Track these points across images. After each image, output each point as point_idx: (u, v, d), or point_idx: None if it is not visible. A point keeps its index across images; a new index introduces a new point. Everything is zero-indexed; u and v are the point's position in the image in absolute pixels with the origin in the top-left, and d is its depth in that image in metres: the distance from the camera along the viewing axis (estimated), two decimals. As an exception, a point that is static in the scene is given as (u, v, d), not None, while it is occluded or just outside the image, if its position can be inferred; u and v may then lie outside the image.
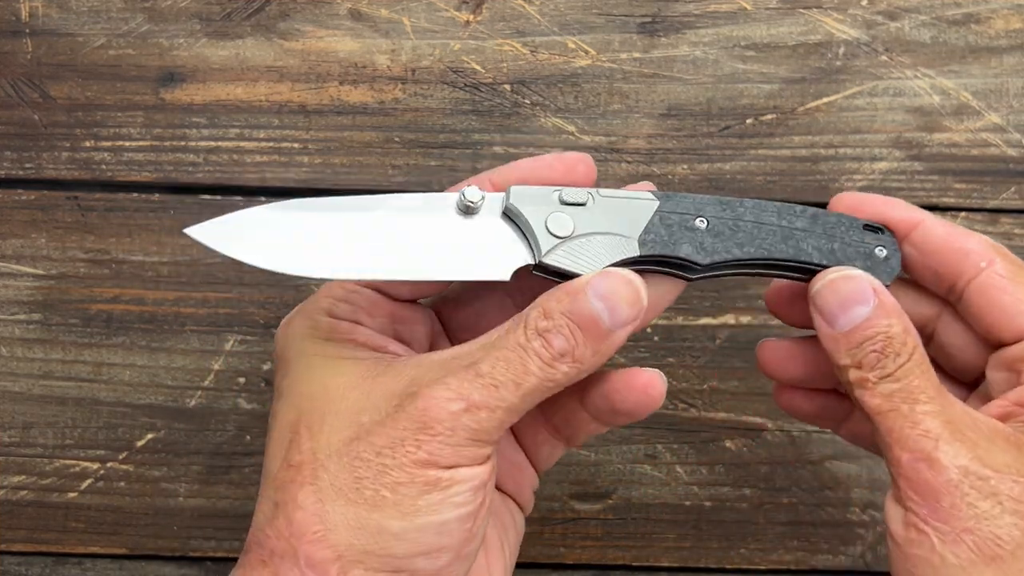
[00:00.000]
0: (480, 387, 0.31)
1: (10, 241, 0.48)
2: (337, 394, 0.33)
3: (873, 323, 0.33)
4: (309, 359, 0.34)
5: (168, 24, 0.48)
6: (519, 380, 0.32)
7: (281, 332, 0.36)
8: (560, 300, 0.32)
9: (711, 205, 0.35)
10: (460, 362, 0.32)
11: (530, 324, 0.32)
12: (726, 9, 0.48)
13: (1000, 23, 0.49)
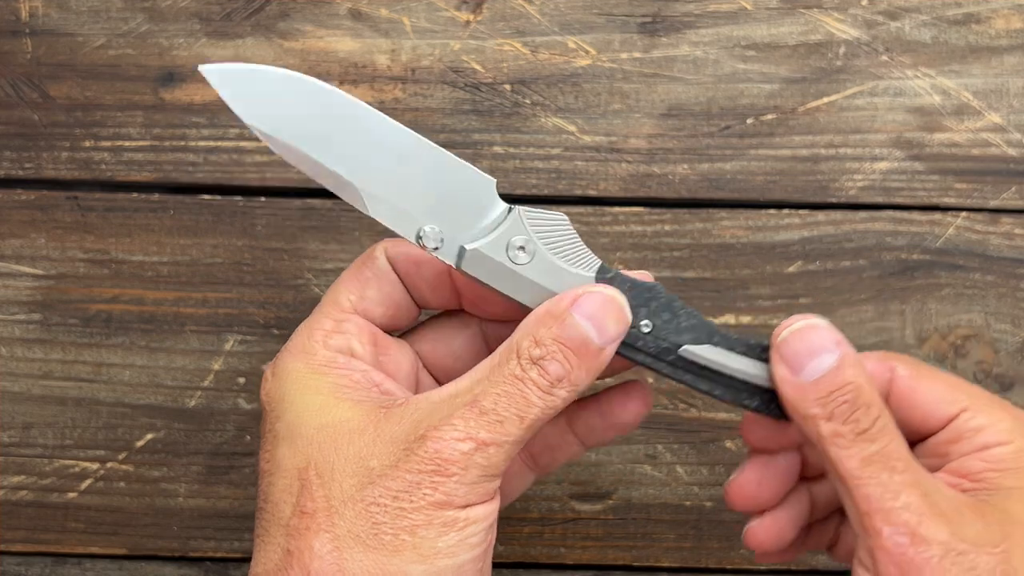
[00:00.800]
0: (486, 424, 0.31)
1: (10, 241, 0.48)
2: (344, 439, 0.32)
3: (841, 372, 0.32)
4: (309, 400, 0.34)
5: (168, 24, 0.48)
6: (522, 413, 0.32)
7: (270, 374, 0.35)
8: (548, 325, 0.32)
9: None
10: (461, 400, 0.32)
11: (523, 354, 0.32)
12: (726, 9, 0.48)
13: (1000, 23, 0.48)
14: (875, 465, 0.32)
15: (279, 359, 0.35)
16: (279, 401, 0.34)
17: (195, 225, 0.48)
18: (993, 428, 0.35)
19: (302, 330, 0.35)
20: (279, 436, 0.34)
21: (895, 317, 0.48)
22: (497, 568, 0.48)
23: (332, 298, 0.36)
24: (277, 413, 0.34)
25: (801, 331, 0.34)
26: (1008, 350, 0.48)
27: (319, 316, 0.35)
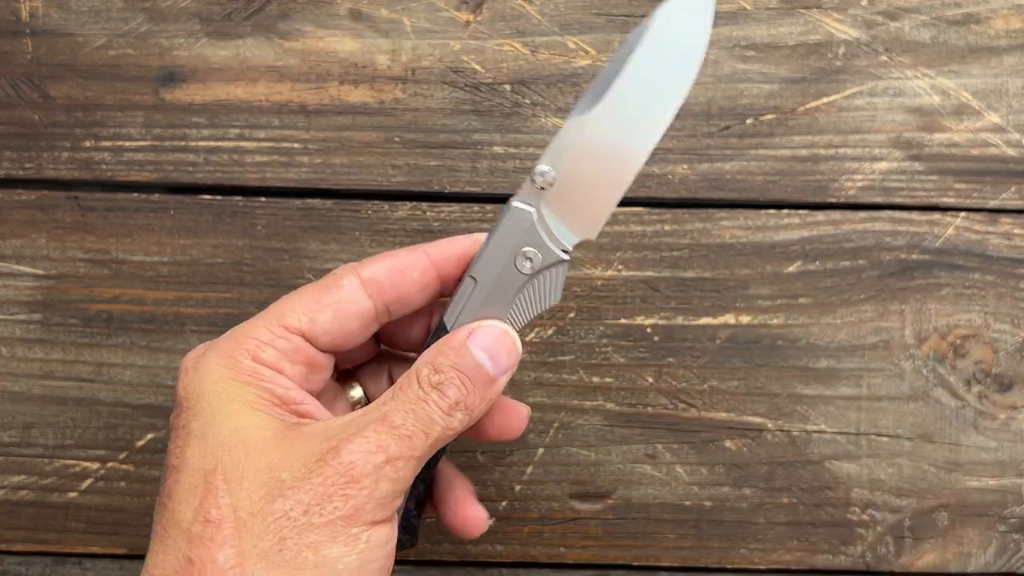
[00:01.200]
0: (396, 438, 0.33)
1: (10, 241, 0.48)
2: (257, 449, 0.32)
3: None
4: (227, 404, 0.34)
5: (168, 24, 0.48)
6: (427, 430, 0.33)
7: (192, 367, 0.35)
8: (446, 354, 0.35)
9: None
10: (371, 416, 0.33)
11: (423, 380, 0.34)
12: (726, 9, 0.48)
13: (1000, 23, 0.49)
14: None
15: (205, 356, 0.35)
16: (197, 399, 0.34)
17: (195, 225, 0.48)
18: None
19: (238, 333, 0.35)
20: (192, 434, 0.33)
21: (894, 317, 0.48)
22: (497, 568, 0.48)
23: (279, 311, 0.36)
24: (193, 411, 0.34)
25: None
26: (1007, 350, 0.48)
27: (259, 325, 0.35)
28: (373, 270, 0.36)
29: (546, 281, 0.37)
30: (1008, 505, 0.48)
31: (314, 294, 0.36)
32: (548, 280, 0.37)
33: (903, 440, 0.48)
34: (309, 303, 0.36)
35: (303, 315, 0.35)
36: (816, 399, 0.48)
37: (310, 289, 0.36)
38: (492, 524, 0.48)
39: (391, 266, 0.36)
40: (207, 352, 0.35)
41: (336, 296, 0.36)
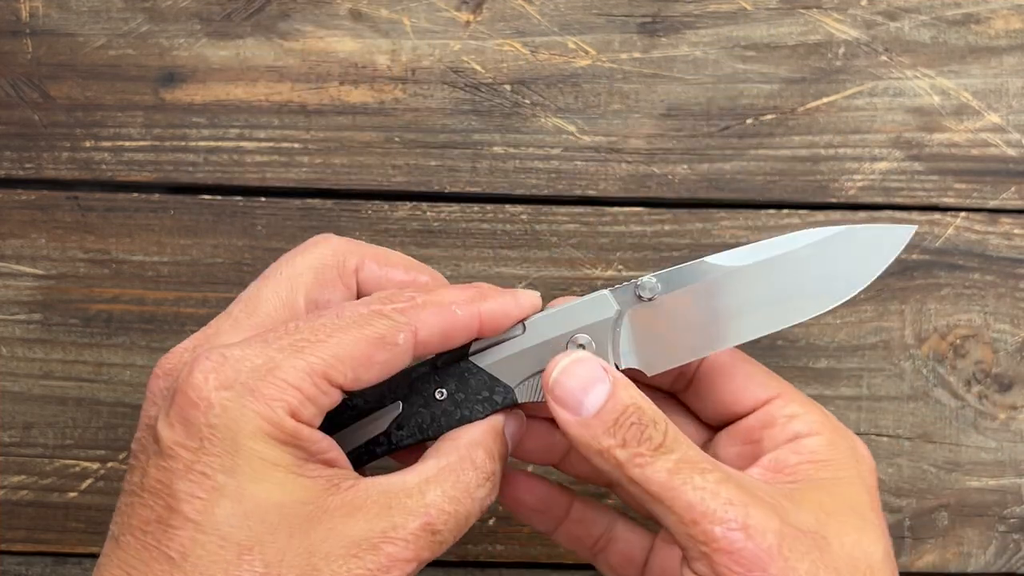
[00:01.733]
0: (432, 546, 0.31)
1: (10, 241, 0.48)
2: (300, 530, 0.30)
3: (618, 398, 0.32)
4: (270, 471, 0.30)
5: (168, 24, 0.48)
6: (459, 529, 0.32)
7: (218, 402, 0.30)
8: (496, 440, 0.34)
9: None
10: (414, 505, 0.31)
11: (479, 464, 0.33)
12: (726, 9, 0.48)
13: (1000, 23, 0.49)
14: (683, 472, 0.31)
15: (237, 396, 0.30)
16: (230, 451, 0.30)
17: (195, 225, 0.48)
18: (805, 418, 0.35)
19: (275, 373, 0.31)
20: (222, 491, 0.30)
21: (894, 317, 0.48)
22: (497, 568, 0.48)
23: (323, 356, 0.31)
24: (223, 461, 0.30)
25: (569, 367, 0.33)
26: (1007, 350, 0.48)
27: (300, 372, 0.31)
28: (430, 333, 0.33)
29: None
30: (1008, 505, 0.48)
31: (367, 346, 0.32)
32: None
33: (903, 440, 0.48)
34: (361, 356, 0.32)
35: (350, 371, 0.32)
36: (816, 399, 0.48)
37: (363, 336, 0.32)
38: (492, 524, 0.48)
39: (447, 330, 0.33)
40: (239, 390, 0.30)
41: (389, 355, 0.32)
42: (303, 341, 0.31)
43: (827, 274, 0.35)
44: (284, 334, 0.32)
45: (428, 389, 0.35)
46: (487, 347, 0.35)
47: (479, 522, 0.48)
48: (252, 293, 0.35)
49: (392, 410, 0.35)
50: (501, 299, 0.35)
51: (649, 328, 0.35)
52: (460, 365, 0.35)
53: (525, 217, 0.48)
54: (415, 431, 0.35)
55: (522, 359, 0.35)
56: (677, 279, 0.35)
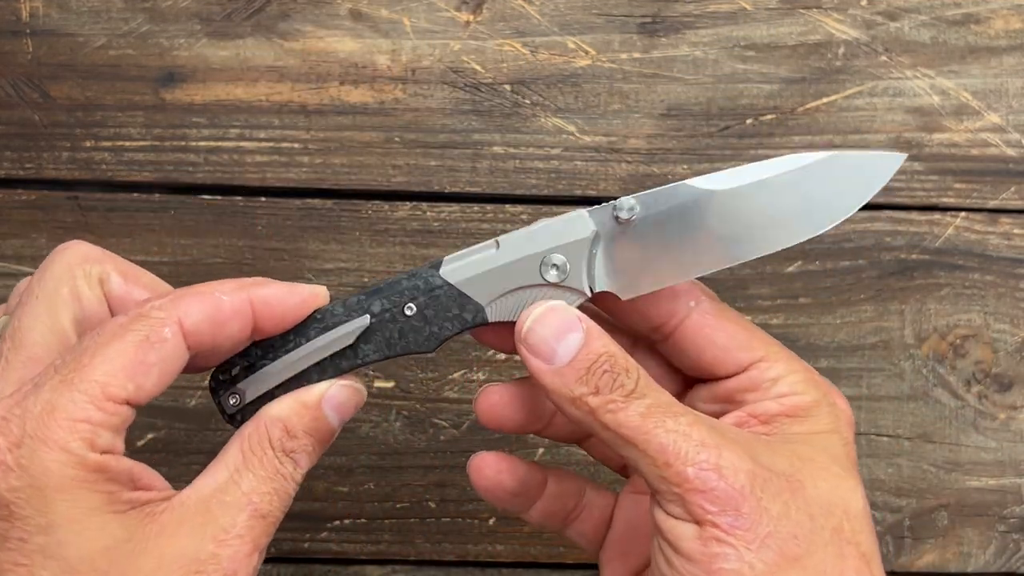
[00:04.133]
0: (266, 528, 0.31)
1: (10, 241, 0.48)
2: (132, 568, 0.29)
3: (591, 346, 0.32)
4: (86, 517, 0.29)
5: (168, 24, 0.48)
6: (285, 504, 0.32)
7: (20, 468, 0.29)
8: (301, 416, 0.33)
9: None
10: (232, 499, 0.31)
11: (276, 444, 0.32)
12: (726, 9, 0.49)
13: (1000, 23, 0.49)
14: (655, 416, 0.31)
15: (30, 450, 0.29)
16: (39, 508, 0.29)
17: (196, 225, 0.48)
18: (788, 380, 0.35)
19: (56, 413, 0.29)
20: (43, 552, 0.29)
21: (894, 317, 0.48)
22: (497, 568, 0.48)
23: (98, 378, 0.30)
24: (36, 523, 0.29)
25: (543, 316, 0.33)
26: (1007, 350, 0.48)
27: (80, 401, 0.29)
28: (196, 320, 0.32)
29: (552, 300, 0.34)
30: (1008, 505, 0.48)
31: (135, 352, 0.30)
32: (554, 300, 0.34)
33: (903, 440, 0.48)
34: (132, 364, 0.30)
35: (128, 382, 0.30)
36: (816, 399, 0.48)
37: (127, 343, 0.30)
38: (492, 524, 0.48)
39: (213, 316, 0.32)
40: (29, 444, 0.29)
41: (162, 353, 0.31)
42: (71, 372, 0.30)
43: (811, 200, 0.34)
44: (53, 372, 0.30)
45: (398, 303, 0.34)
46: (460, 262, 0.34)
47: (479, 521, 0.48)
48: (16, 325, 0.33)
49: (359, 323, 0.34)
50: (276, 285, 0.34)
51: (626, 251, 0.34)
52: (430, 280, 0.34)
53: (525, 217, 0.48)
54: (382, 346, 0.35)
55: (494, 277, 0.34)
56: (657, 201, 0.34)
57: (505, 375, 0.48)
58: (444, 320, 0.34)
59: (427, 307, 0.34)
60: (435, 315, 0.34)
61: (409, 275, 0.34)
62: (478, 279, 0.34)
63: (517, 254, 0.34)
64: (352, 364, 0.35)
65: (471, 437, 0.48)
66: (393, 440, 0.48)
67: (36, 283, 0.33)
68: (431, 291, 0.34)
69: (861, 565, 0.32)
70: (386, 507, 0.48)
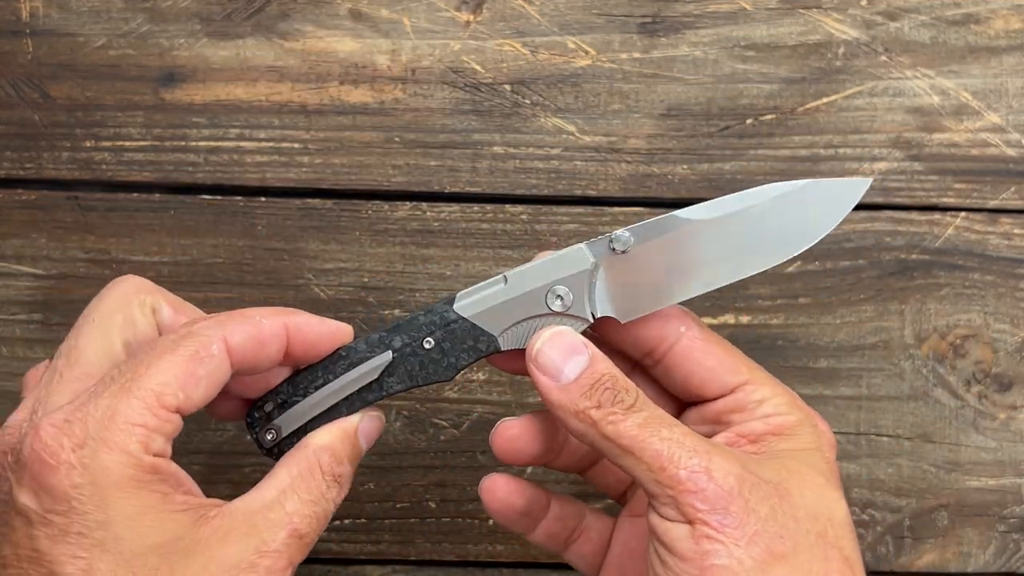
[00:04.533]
0: (302, 549, 0.34)
1: (10, 241, 0.48)
2: (181, 565, 0.32)
3: (595, 367, 0.35)
4: (142, 515, 0.32)
5: (168, 24, 0.48)
6: (322, 527, 0.35)
7: (77, 462, 0.31)
8: (344, 443, 0.36)
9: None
10: (276, 517, 0.34)
11: (327, 469, 0.35)
12: (726, 9, 0.49)
13: (1000, 23, 0.49)
14: (651, 426, 0.34)
15: (91, 450, 0.31)
16: (99, 504, 0.31)
17: (195, 225, 0.48)
18: (773, 402, 0.37)
19: (116, 416, 0.32)
20: (103, 546, 0.31)
21: (894, 317, 0.48)
22: (497, 568, 0.48)
23: (154, 387, 0.33)
24: (94, 517, 0.31)
25: (552, 338, 0.36)
26: (1007, 350, 0.48)
27: (137, 407, 0.32)
28: (239, 340, 0.35)
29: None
30: (1008, 505, 0.48)
31: (186, 364, 0.33)
32: None
33: (903, 440, 0.48)
34: (184, 376, 0.33)
35: (180, 391, 0.33)
36: (816, 399, 0.48)
37: (179, 357, 0.33)
38: (492, 524, 0.48)
39: (255, 337, 0.35)
40: (92, 445, 0.31)
41: (209, 367, 0.34)
42: (128, 381, 0.33)
43: (787, 226, 0.37)
44: (111, 381, 0.33)
45: (417, 338, 0.37)
46: (472, 299, 0.37)
47: (479, 521, 0.48)
48: (71, 344, 0.36)
49: (383, 359, 0.37)
50: (306, 315, 0.37)
51: (623, 279, 0.37)
52: (445, 315, 0.37)
53: (525, 217, 0.48)
54: (405, 378, 0.37)
55: (504, 309, 0.37)
56: (648, 232, 0.37)
57: (505, 375, 0.48)
58: (460, 351, 0.37)
59: (444, 340, 0.37)
60: (452, 347, 0.37)
61: (425, 312, 0.37)
62: (489, 312, 0.37)
63: (524, 288, 0.37)
64: (377, 396, 0.38)
65: (471, 437, 0.48)
66: (393, 440, 0.48)
67: (93, 308, 0.36)
68: (447, 325, 0.37)
69: (844, 568, 0.34)
70: (386, 507, 0.48)
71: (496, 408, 0.48)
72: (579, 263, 0.37)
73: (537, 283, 0.37)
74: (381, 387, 0.37)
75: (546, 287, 0.37)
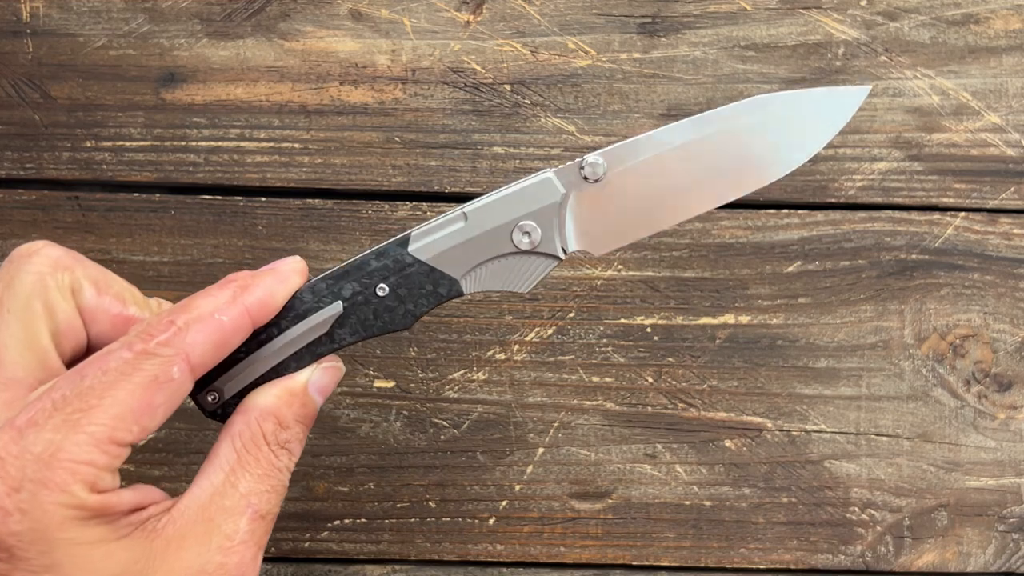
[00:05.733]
0: (266, 528, 0.32)
1: (10, 241, 0.48)
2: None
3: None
4: (90, 551, 0.29)
5: (169, 24, 0.48)
6: (280, 499, 0.33)
7: (15, 509, 0.28)
8: (290, 404, 0.33)
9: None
10: (231, 503, 0.31)
11: (271, 439, 0.32)
12: (726, 9, 0.49)
13: (999, 23, 0.49)
14: None
15: (31, 495, 0.28)
16: (43, 550, 0.28)
17: (196, 225, 0.48)
18: None
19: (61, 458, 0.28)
20: None
21: (894, 317, 0.48)
22: (497, 567, 0.48)
23: (103, 422, 0.29)
24: (42, 563, 0.28)
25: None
26: (1007, 350, 0.48)
27: (85, 443, 0.29)
28: (202, 353, 0.31)
29: (526, 266, 0.34)
30: (1007, 505, 0.48)
31: (143, 394, 0.30)
32: (529, 267, 0.34)
33: (902, 440, 0.48)
34: (140, 407, 0.30)
35: (134, 425, 0.30)
36: (816, 399, 0.48)
37: (135, 385, 0.30)
38: (492, 524, 0.48)
39: (219, 342, 0.32)
40: (30, 488, 0.28)
41: (168, 392, 0.30)
42: (76, 412, 0.29)
43: (774, 143, 0.34)
44: (53, 410, 0.29)
45: (369, 285, 0.34)
46: (428, 238, 0.34)
47: (479, 521, 0.48)
48: None
49: (332, 311, 0.34)
50: (263, 283, 0.33)
51: (596, 209, 0.34)
52: (400, 259, 0.34)
53: (525, 217, 0.48)
54: (358, 329, 0.34)
55: (466, 250, 0.34)
56: (622, 156, 0.34)
57: (504, 375, 0.48)
58: (419, 297, 0.34)
59: (400, 286, 0.34)
60: (409, 293, 0.34)
61: (376, 254, 0.34)
62: (449, 253, 0.34)
63: (487, 225, 0.34)
64: (329, 349, 0.35)
65: (471, 437, 0.48)
66: (393, 440, 0.48)
67: (5, 293, 0.32)
68: (402, 270, 0.34)
69: None
70: (386, 507, 0.48)
71: (496, 408, 0.48)
72: (548, 194, 0.34)
73: (501, 219, 0.34)
74: (332, 339, 0.34)
75: (511, 223, 0.34)
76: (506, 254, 0.34)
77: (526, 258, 0.34)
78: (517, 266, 0.34)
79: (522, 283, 0.35)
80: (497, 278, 0.34)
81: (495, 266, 0.34)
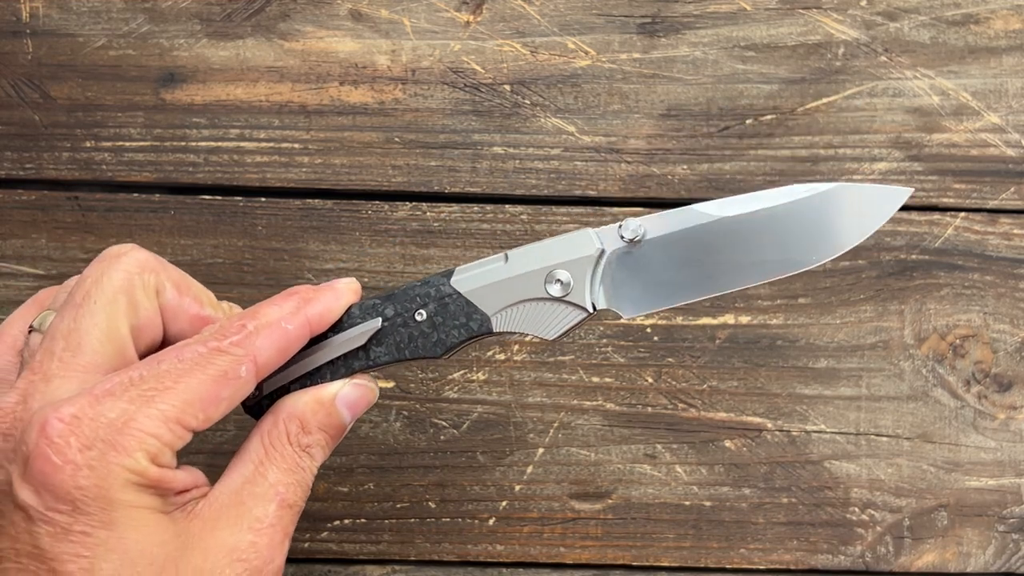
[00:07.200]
0: (293, 516, 0.35)
1: (10, 241, 0.48)
2: (183, 561, 0.32)
3: None
4: (145, 516, 0.32)
5: (168, 24, 0.48)
6: (306, 494, 0.35)
7: (85, 464, 0.31)
8: (315, 412, 0.35)
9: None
10: (261, 492, 0.34)
11: (293, 440, 0.35)
12: (726, 9, 0.49)
13: (999, 23, 0.49)
14: None
15: (100, 453, 0.31)
16: (104, 506, 0.31)
17: (196, 225, 0.48)
18: None
19: (132, 426, 0.31)
20: (104, 545, 0.31)
21: (894, 317, 0.48)
22: (497, 568, 0.48)
23: (175, 403, 0.32)
24: (99, 519, 0.31)
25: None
26: (1007, 350, 0.48)
27: (155, 417, 0.32)
28: (268, 356, 0.34)
29: (555, 314, 0.36)
30: (1007, 505, 0.48)
31: (212, 385, 0.33)
32: (558, 314, 0.36)
33: (902, 440, 0.48)
34: (208, 397, 0.33)
35: (200, 412, 0.32)
36: (815, 399, 0.48)
37: (207, 376, 0.33)
38: (492, 524, 0.48)
39: (283, 348, 0.34)
40: (100, 448, 0.31)
41: (234, 389, 0.33)
42: (151, 390, 0.32)
43: (817, 231, 0.35)
44: (130, 384, 0.32)
45: (409, 309, 0.36)
46: (471, 273, 0.36)
47: (479, 521, 0.48)
48: (70, 327, 0.34)
49: (371, 325, 0.36)
50: (323, 297, 0.36)
51: (630, 271, 0.35)
52: (441, 288, 0.36)
53: (525, 217, 0.48)
54: (392, 349, 0.36)
55: (501, 289, 0.35)
56: (663, 224, 0.35)
57: (504, 375, 0.48)
58: (452, 328, 0.36)
59: (437, 314, 0.36)
60: (443, 322, 0.36)
61: (423, 283, 0.36)
62: (485, 290, 0.36)
63: (524, 268, 0.35)
64: (364, 365, 0.36)
65: (471, 437, 0.48)
66: (393, 440, 0.48)
67: (94, 286, 0.34)
68: (441, 299, 0.36)
69: None
70: (386, 507, 0.48)
71: (496, 408, 0.48)
72: (584, 248, 0.35)
73: (538, 264, 0.35)
74: (368, 355, 0.36)
75: (546, 269, 0.35)
76: (537, 298, 0.35)
77: (556, 305, 0.35)
78: (546, 312, 0.35)
79: (550, 330, 0.36)
80: (527, 320, 0.35)
81: (526, 309, 0.35)
